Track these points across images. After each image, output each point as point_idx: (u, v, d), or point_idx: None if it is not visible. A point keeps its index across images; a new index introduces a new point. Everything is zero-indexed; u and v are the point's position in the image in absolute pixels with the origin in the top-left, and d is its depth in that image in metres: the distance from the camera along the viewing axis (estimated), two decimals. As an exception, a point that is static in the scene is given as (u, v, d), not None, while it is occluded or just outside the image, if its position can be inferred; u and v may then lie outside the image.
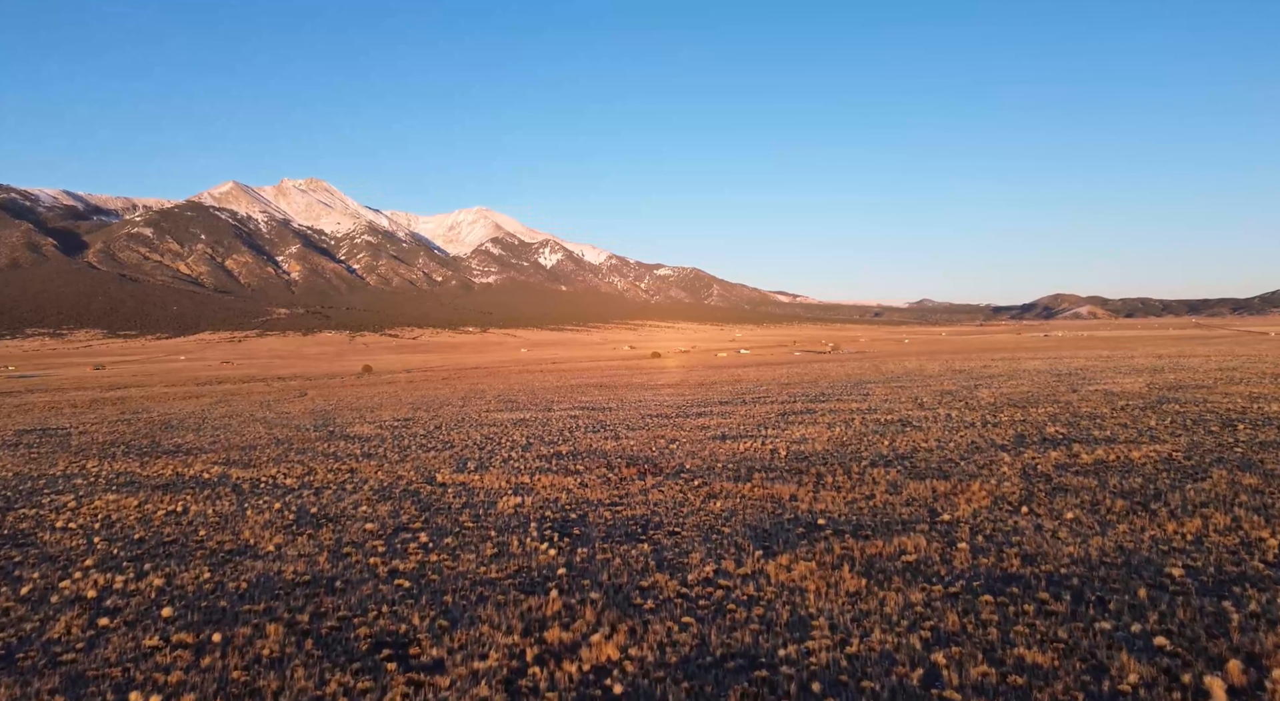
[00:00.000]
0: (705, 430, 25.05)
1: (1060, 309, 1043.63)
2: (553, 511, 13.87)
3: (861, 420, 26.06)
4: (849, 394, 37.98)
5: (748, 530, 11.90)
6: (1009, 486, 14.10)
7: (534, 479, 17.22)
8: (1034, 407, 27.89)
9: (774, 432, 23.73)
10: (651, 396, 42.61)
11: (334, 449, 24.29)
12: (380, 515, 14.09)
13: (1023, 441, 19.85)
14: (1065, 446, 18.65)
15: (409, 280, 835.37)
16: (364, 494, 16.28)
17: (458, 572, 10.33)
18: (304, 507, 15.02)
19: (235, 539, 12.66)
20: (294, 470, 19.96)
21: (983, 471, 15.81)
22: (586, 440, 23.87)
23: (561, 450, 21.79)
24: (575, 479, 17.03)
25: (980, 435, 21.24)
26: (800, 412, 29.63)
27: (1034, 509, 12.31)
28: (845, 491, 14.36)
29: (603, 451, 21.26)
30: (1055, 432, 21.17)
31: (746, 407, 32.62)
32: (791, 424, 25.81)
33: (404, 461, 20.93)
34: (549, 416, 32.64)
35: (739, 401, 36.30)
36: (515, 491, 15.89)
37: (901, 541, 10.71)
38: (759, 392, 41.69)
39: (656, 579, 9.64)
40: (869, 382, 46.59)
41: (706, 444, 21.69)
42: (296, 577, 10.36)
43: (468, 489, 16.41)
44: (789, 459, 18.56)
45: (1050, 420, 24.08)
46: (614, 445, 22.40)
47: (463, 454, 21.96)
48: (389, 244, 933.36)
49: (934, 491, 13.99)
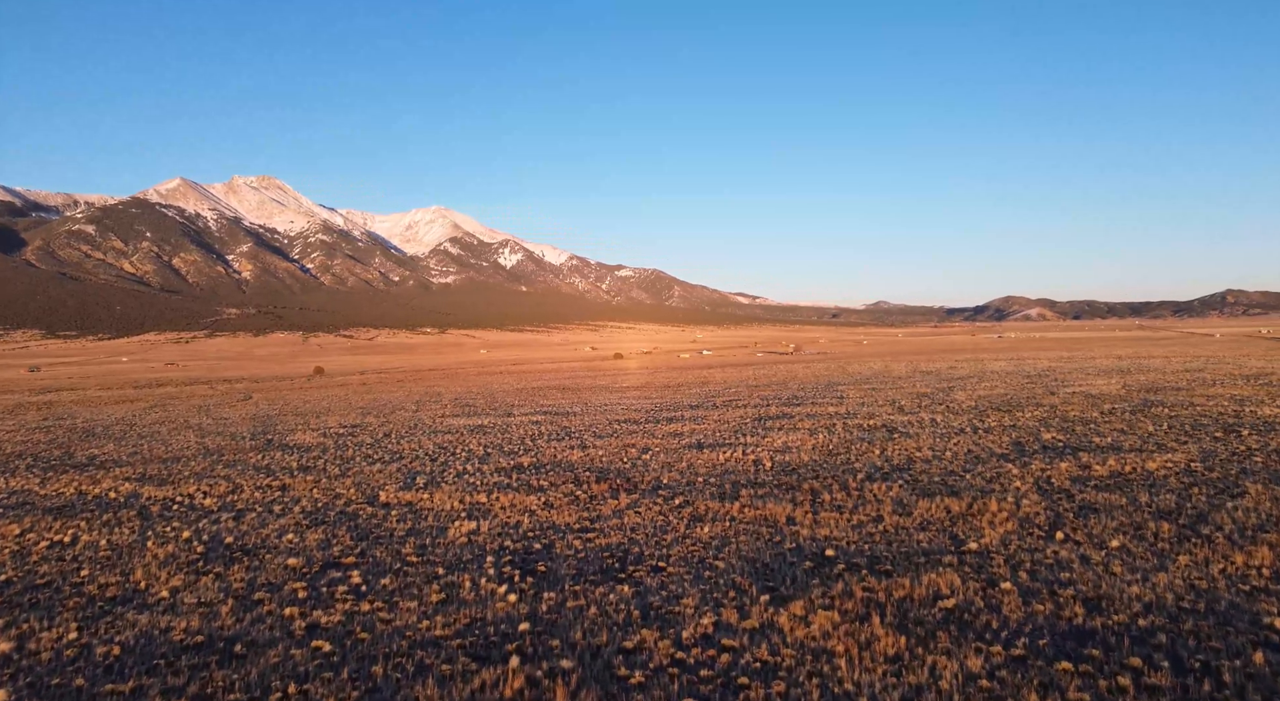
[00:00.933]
0: (679, 438, 23.21)
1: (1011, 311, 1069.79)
2: (513, 540, 11.87)
3: (844, 426, 24.50)
4: (823, 397, 36.54)
5: (745, 564, 10.07)
6: (1030, 505, 12.52)
7: (491, 498, 15.16)
8: (1019, 411, 26.68)
9: (753, 440, 22.00)
10: (617, 400, 40.68)
11: (268, 461, 21.85)
12: (308, 546, 11.92)
13: (1023, 450, 18.42)
14: (1071, 456, 17.24)
15: (365, 280, 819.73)
16: (293, 517, 14.06)
17: (394, 628, 8.28)
18: (218, 536, 12.75)
19: (124, 581, 10.39)
20: (217, 487, 17.57)
21: (993, 486, 14.24)
22: (550, 449, 21.85)
23: (523, 462, 19.74)
24: (539, 497, 15.03)
25: (975, 442, 19.78)
26: (777, 417, 27.99)
27: (1070, 534, 10.71)
28: (848, 512, 12.63)
29: (569, 463, 19.27)
30: (1053, 439, 19.81)
31: (719, 412, 30.89)
32: (770, 430, 24.11)
33: (345, 476, 18.67)
34: (509, 422, 30.50)
35: (710, 405, 34.57)
36: (469, 514, 13.83)
37: (932, 580, 8.97)
38: (729, 395, 40.04)
39: (643, 636, 7.74)
40: (840, 384, 45.33)
41: (683, 454, 19.84)
42: (187, 638, 8.20)
43: (415, 511, 14.29)
44: (776, 471, 16.81)
45: (1042, 425, 22.80)
46: (581, 455, 20.42)
47: (412, 467, 19.77)
48: (344, 243, 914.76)
49: (948, 511, 12.33)
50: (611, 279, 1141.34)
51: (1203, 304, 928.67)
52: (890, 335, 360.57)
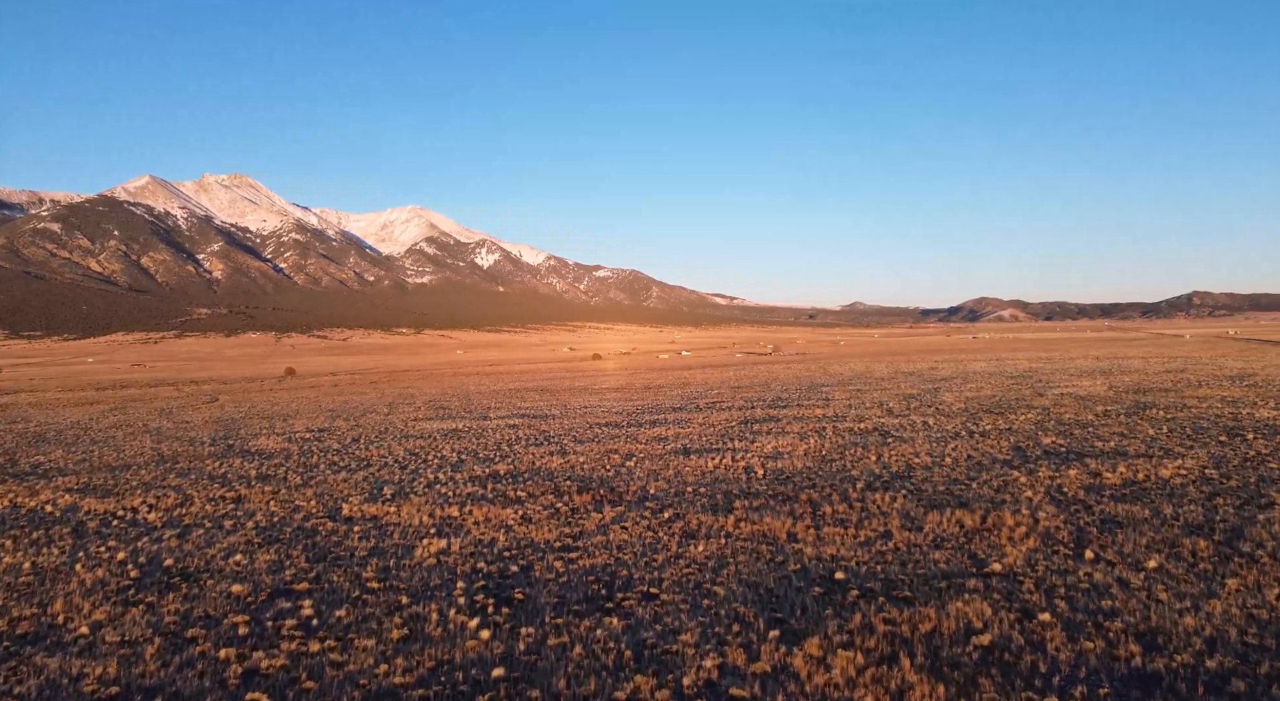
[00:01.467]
0: (664, 442, 22.14)
1: (984, 312, 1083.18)
2: (488, 561, 10.72)
3: (834, 429, 23.59)
4: (808, 398, 35.69)
5: (747, 590, 9.02)
6: (1048, 518, 11.61)
7: (464, 511, 13.98)
8: (1011, 414, 25.96)
9: (742, 445, 20.99)
10: (597, 402, 39.55)
11: (225, 469, 20.45)
12: (257, 569, 10.69)
13: (1025, 456, 17.59)
14: (1078, 462, 16.42)
15: (339, 280, 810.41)
16: (244, 534, 12.78)
17: (346, 674, 7.12)
18: (157, 558, 11.46)
19: (40, 614, 9.12)
20: (165, 499, 16.19)
21: (1003, 496, 13.33)
22: (528, 456, 20.68)
23: (499, 469, 18.55)
24: (516, 510, 13.88)
25: (974, 447, 18.93)
26: (763, 420, 27.04)
27: (1100, 553, 9.79)
28: (853, 526, 11.63)
29: (548, 471, 18.12)
30: (1054, 444, 19.03)
31: (703, 414, 29.88)
32: (758, 434, 23.13)
33: (306, 486, 17.37)
34: (485, 426, 29.25)
35: (693, 407, 33.56)
36: (440, 530, 12.65)
37: (960, 610, 7.98)
38: (712, 397, 39.07)
39: (637, 684, 6.66)
40: (823, 386, 44.57)
41: (669, 461, 18.77)
42: (100, 690, 6.98)
43: (379, 526, 13.08)
44: (769, 480, 15.80)
45: (1038, 428, 22.05)
46: (561, 462, 19.27)
47: (379, 475, 18.50)
48: (318, 242, 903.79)
49: (961, 526, 11.39)
50: (589, 279, 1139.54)
51: (1170, 305, 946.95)
52: (867, 336, 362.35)
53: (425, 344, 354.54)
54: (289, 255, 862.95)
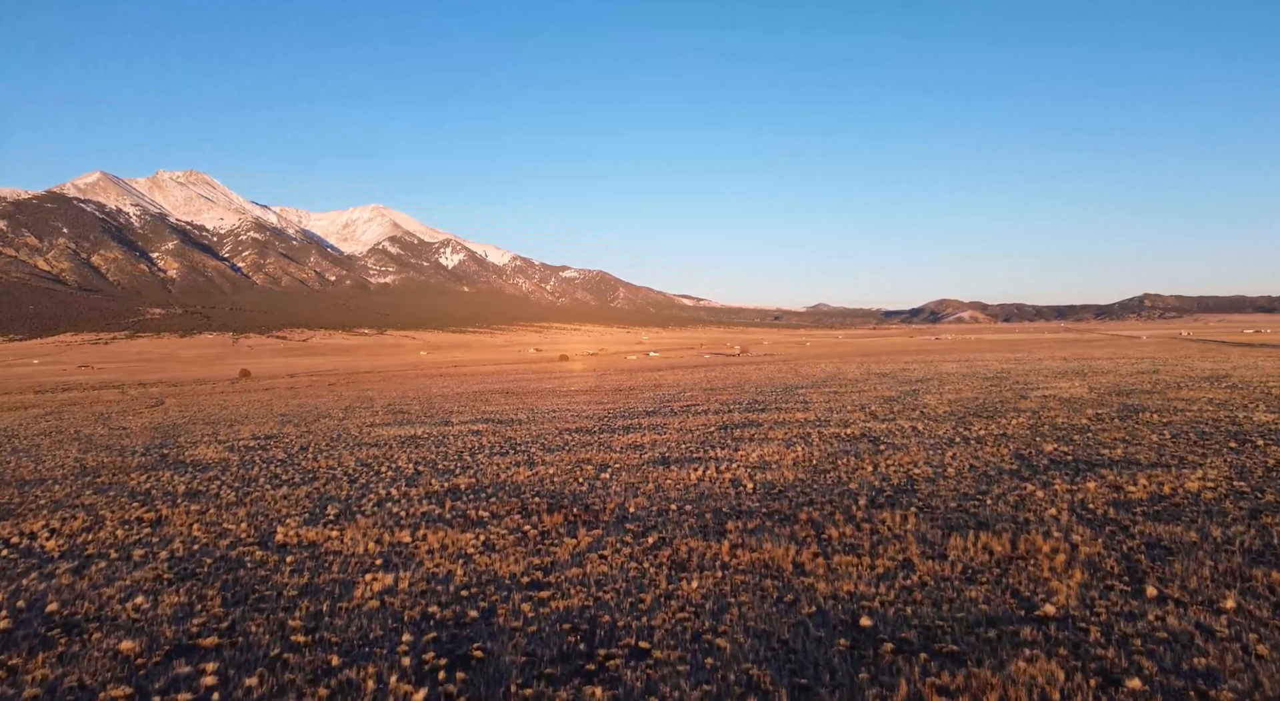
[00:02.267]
0: (640, 451, 20.51)
1: (945, 313, 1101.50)
2: (441, 603, 8.99)
3: (820, 436, 22.19)
4: (785, 401, 34.36)
5: (757, 643, 7.43)
6: (1084, 541, 10.23)
7: (417, 536, 12.19)
8: (1001, 418, 24.85)
9: (724, 454, 19.45)
10: (566, 405, 37.79)
11: (151, 483, 18.32)
12: (159, 617, 8.82)
13: (1031, 465, 16.32)
14: (1091, 473, 15.18)
15: (300, 279, 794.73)
16: (154, 568, 10.86)
17: (245, 782, 5.36)
18: (40, 601, 9.51)
19: None
20: (72, 521, 14.12)
21: (1024, 514, 11.95)
22: (492, 467, 18.89)
23: (460, 483, 16.75)
24: (478, 534, 12.13)
25: (974, 456, 17.63)
26: (743, 425, 25.56)
27: (1161, 588, 8.40)
28: (866, 554, 10.13)
29: (514, 485, 16.37)
30: (1058, 452, 17.82)
31: (679, 419, 28.32)
32: (741, 441, 21.62)
33: (240, 503, 15.40)
34: (446, 432, 27.33)
35: (667, 411, 31.99)
36: (387, 561, 10.86)
37: (1024, 672, 6.49)
38: (686, 400, 37.56)
39: (633, 795, 5.01)
40: (798, 388, 43.37)
41: (647, 472, 17.14)
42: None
43: (317, 556, 11.24)
44: (761, 495, 14.26)
45: (1035, 434, 20.89)
46: (529, 475, 17.53)
47: (326, 490, 16.58)
48: (278, 241, 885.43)
49: (990, 553, 9.94)
50: (556, 280, 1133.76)
51: (1122, 307, 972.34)
52: (832, 337, 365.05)
53: (388, 345, 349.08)
54: (247, 254, 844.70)
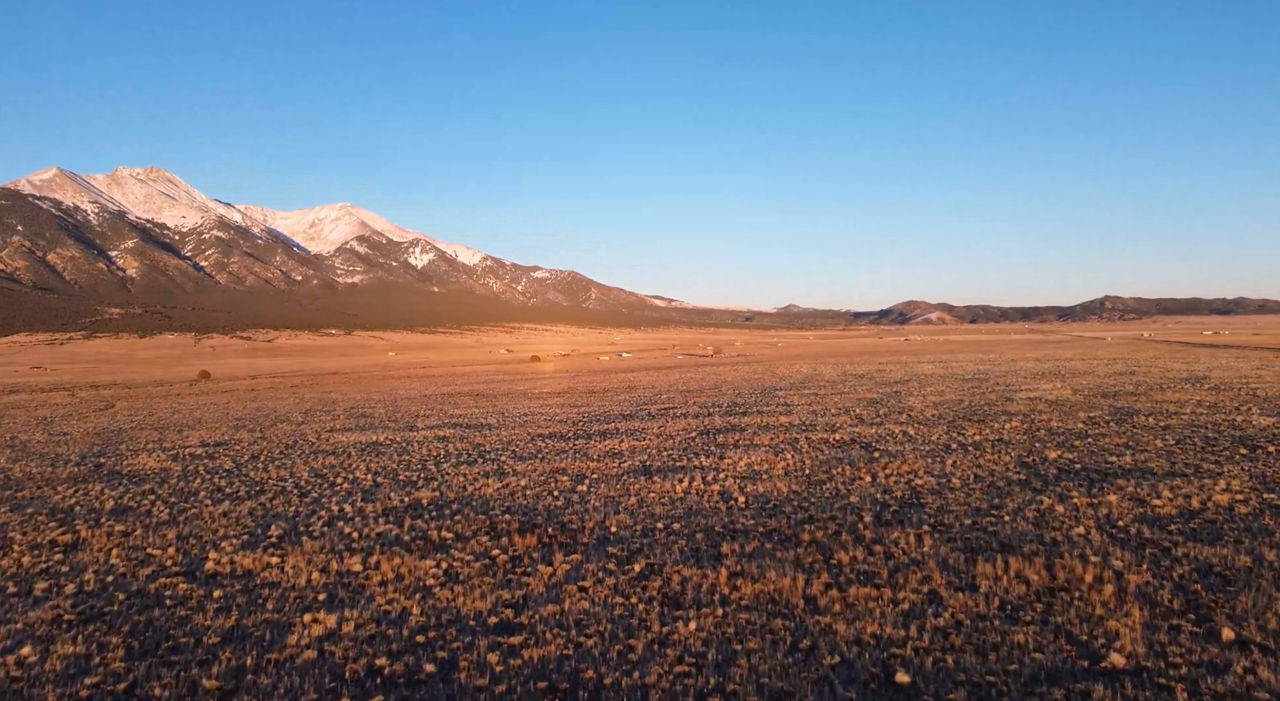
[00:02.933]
0: (619, 459, 19.13)
1: (913, 314, 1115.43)
2: (391, 652, 7.55)
3: (808, 442, 21.01)
4: (766, 404, 33.22)
5: (776, 707, 6.12)
6: (1130, 569, 9.09)
7: (370, 563, 10.70)
8: (992, 422, 23.92)
9: (710, 462, 18.17)
10: (538, 408, 36.27)
11: (77, 498, 16.53)
12: (44, 675, 7.26)
13: (1039, 475, 15.26)
14: (1106, 483, 14.14)
15: (265, 279, 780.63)
16: (55, 606, 9.26)
17: None
18: (-96, 656, 7.88)
19: None
20: (-26, 548, 12.37)
21: (1050, 532, 10.81)
22: (459, 478, 17.39)
23: (422, 497, 15.25)
24: (439, 561, 10.67)
25: (976, 464, 16.55)
26: (725, 430, 24.32)
27: (1239, 631, 7.25)
28: (885, 585, 8.87)
29: (482, 499, 14.91)
30: (1063, 459, 16.81)
31: (658, 423, 27.00)
32: (726, 448, 20.36)
33: (173, 523, 13.75)
34: (410, 438, 25.72)
35: (644, 414, 30.66)
36: (332, 596, 9.38)
37: (1114, 748, 5.25)
38: (663, 402, 36.27)
39: None
40: (777, 389, 42.32)
41: (628, 484, 15.78)
42: None
43: (250, 590, 9.71)
44: (755, 510, 12.98)
45: (1032, 439, 19.92)
46: (498, 487, 16.07)
47: (271, 506, 14.97)
48: (242, 240, 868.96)
49: (1026, 583, 8.75)
50: (527, 280, 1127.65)
51: (1084, 309, 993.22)
52: (802, 338, 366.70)
53: (355, 345, 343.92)
54: (210, 253, 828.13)
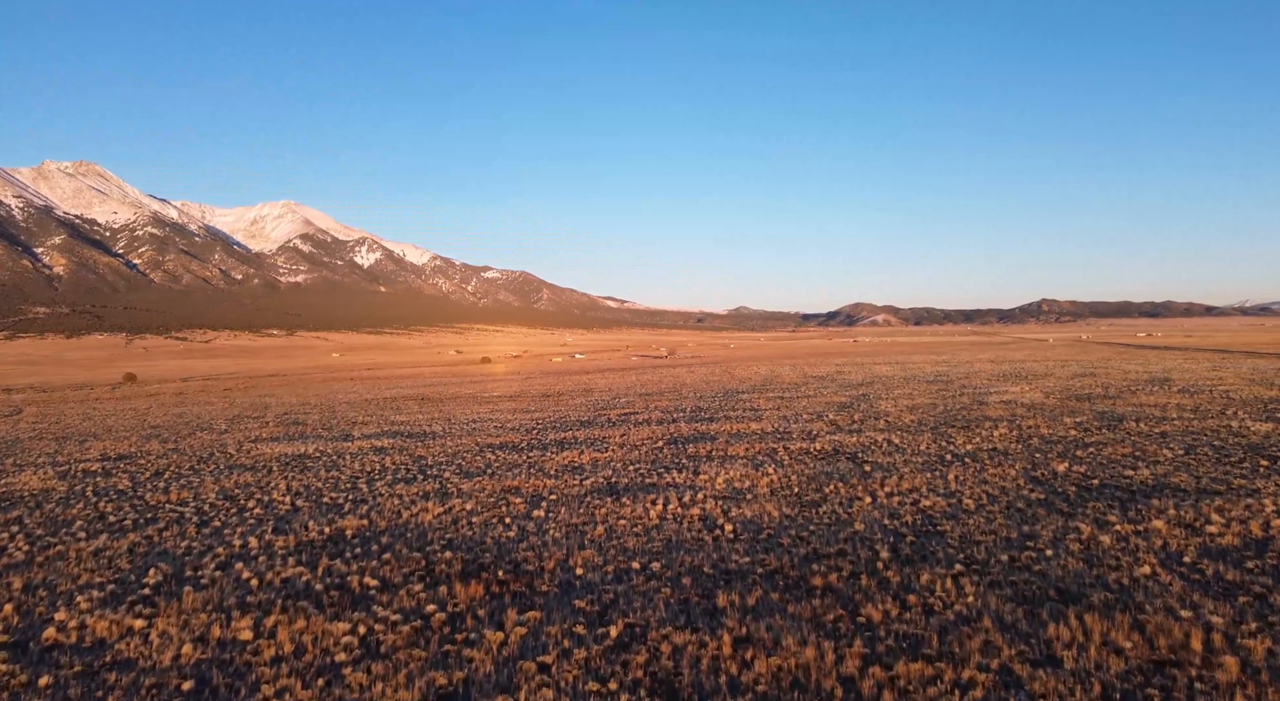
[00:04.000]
0: (580, 474, 16.85)
1: (860, 316, 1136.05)
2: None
3: (788, 453, 19.05)
4: (732, 408, 31.28)
5: None
6: (1241, 633, 7.24)
7: (264, 629, 8.25)
8: (978, 428, 22.37)
9: (683, 478, 16.04)
10: (488, 413, 33.69)
11: (-80, 534, 13.56)
12: None
13: (1057, 492, 13.52)
14: (1142, 504, 12.44)
15: (203, 278, 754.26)
16: None
17: None
18: None
19: None
20: None
21: (1110, 573, 8.95)
22: (393, 501, 14.91)
23: (346, 527, 12.76)
24: (356, 624, 8.28)
25: (981, 479, 14.77)
26: (694, 438, 22.24)
27: None
28: (940, 659, 6.84)
29: (419, 530, 12.50)
30: (1076, 474, 15.16)
31: (620, 430, 24.78)
32: (699, 461, 18.25)
33: (27, 565, 11.03)
34: (344, 449, 23.01)
35: (604, 420, 28.40)
36: (201, 685, 6.93)
37: None
38: (622, 407, 34.06)
39: None
40: (740, 393, 40.52)
41: (593, 507, 13.53)
42: None
43: (91, 675, 7.19)
44: (748, 543, 10.89)
45: (1028, 448, 18.32)
46: (439, 512, 13.66)
47: (159, 540, 12.30)
48: (179, 237, 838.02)
49: (1124, 657, 6.82)
50: (478, 280, 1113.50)
51: (1022, 311, 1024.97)
52: (754, 339, 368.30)
53: (298, 346, 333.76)
54: (144, 251, 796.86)
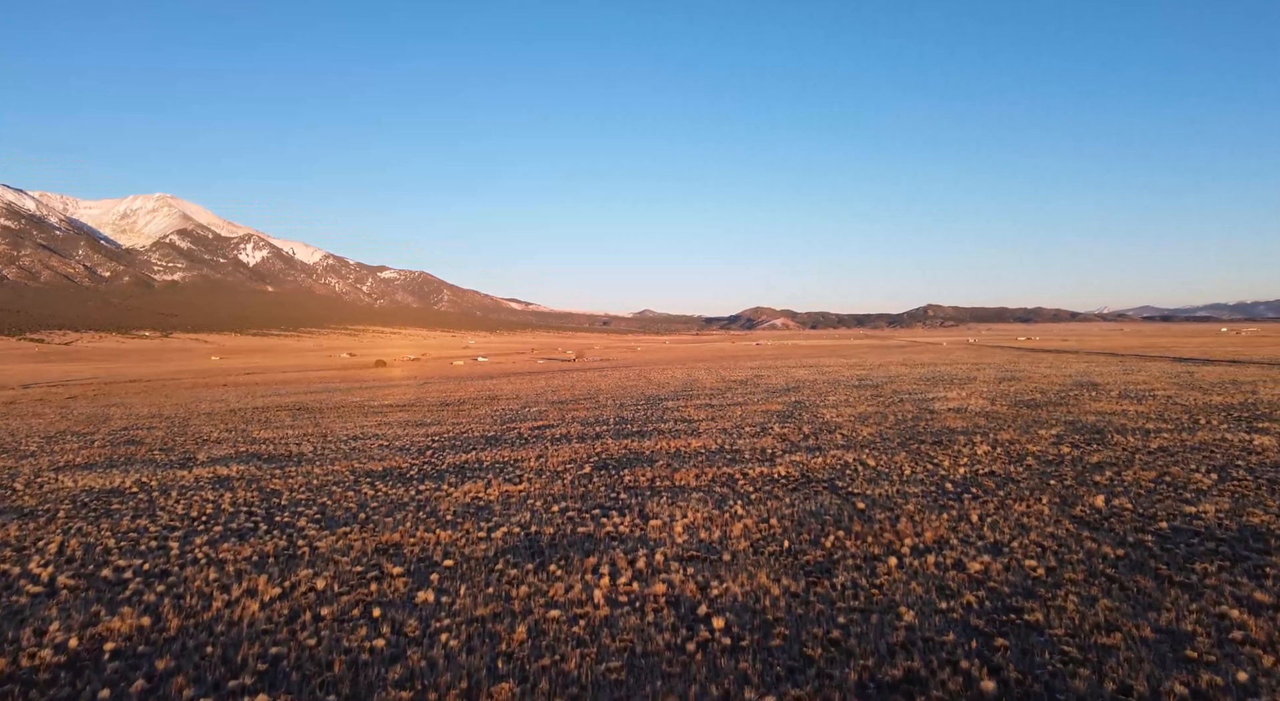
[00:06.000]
0: (487, 520, 12.51)
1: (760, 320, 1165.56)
2: None
3: (747, 480, 15.34)
4: (662, 420, 27.48)
5: None
6: None
7: None
8: (951, 445, 19.43)
9: (627, 525, 12.00)
10: (375, 427, 28.57)
11: None
12: None
13: (1133, 544, 10.29)
14: (1262, 561, 9.37)
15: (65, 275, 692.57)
16: None
17: None
18: None
19: None
20: None
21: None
22: (208, 572, 10.18)
23: (109, 636, 8.04)
24: None
25: (1019, 525, 11.44)
26: (627, 460, 18.24)
27: None
28: None
29: (229, 643, 7.91)
30: (1132, 513, 12.07)
31: (535, 450, 20.48)
32: (642, 495, 14.23)
33: None
34: (175, 481, 17.73)
35: (514, 436, 24.00)
36: None
37: None
38: (535, 418, 29.68)
39: None
40: (663, 400, 36.87)
41: (508, 584, 9.26)
42: None
43: None
44: (757, 655, 6.96)
45: (1030, 473, 15.32)
46: (272, 599, 9.07)
47: None
48: (36, 231, 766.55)
49: None
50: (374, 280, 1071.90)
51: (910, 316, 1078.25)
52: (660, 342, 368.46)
53: (173, 349, 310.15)
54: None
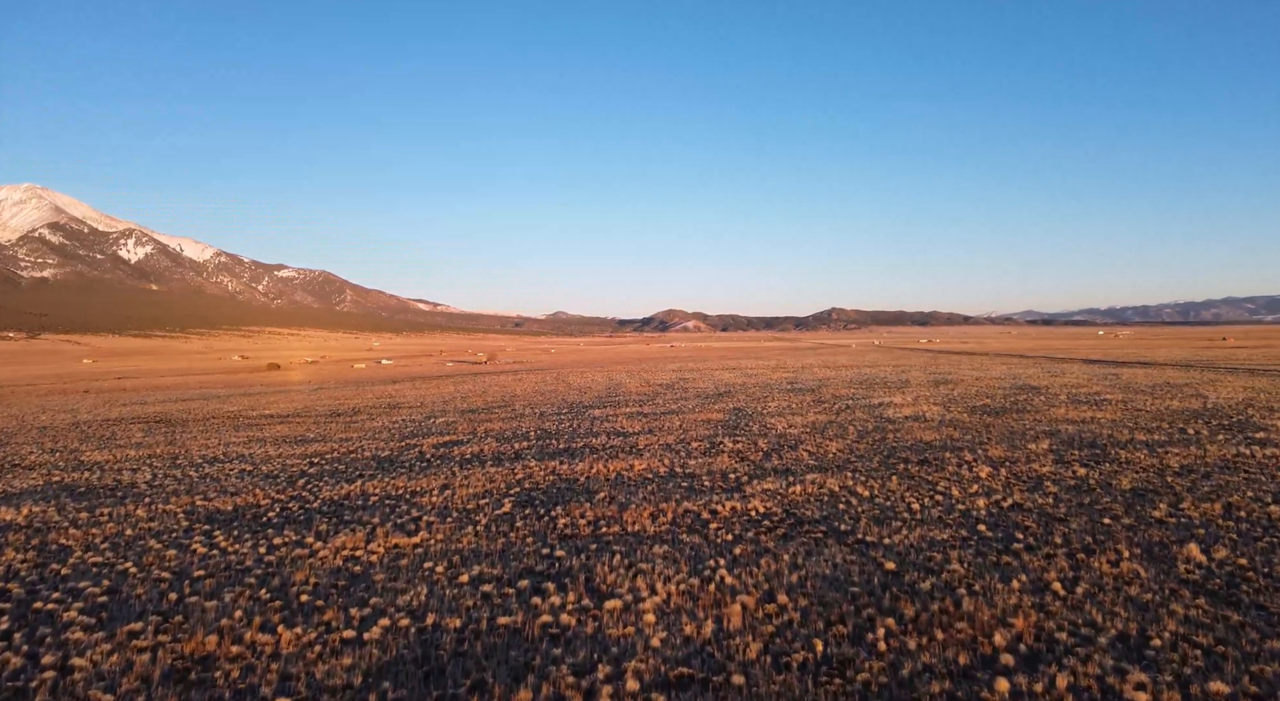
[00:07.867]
0: (363, 605, 8.59)
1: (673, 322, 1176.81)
2: None
3: (721, 522, 11.96)
4: (593, 434, 23.85)
5: None
6: None
7: None
8: (944, 466, 16.67)
9: (574, 607, 8.34)
10: (243, 444, 23.71)
11: None
12: None
13: (1261, 610, 7.50)
14: None
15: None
16: None
17: None
18: None
19: None
20: None
21: None
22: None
23: None
24: None
25: (1124, 596, 8.47)
26: (559, 494, 14.57)
27: None
28: None
29: None
30: (1226, 567, 9.37)
31: (439, 478, 16.47)
32: (588, 553, 10.60)
33: None
34: (-65, 536, 12.84)
35: (414, 458, 19.84)
36: None
37: None
38: (441, 432, 25.47)
39: None
40: (588, 409, 33.26)
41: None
42: None
43: None
44: None
45: (1066, 506, 12.62)
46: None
47: None
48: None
49: None
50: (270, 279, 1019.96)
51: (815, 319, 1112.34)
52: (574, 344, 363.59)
53: (39, 351, 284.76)
54: None
